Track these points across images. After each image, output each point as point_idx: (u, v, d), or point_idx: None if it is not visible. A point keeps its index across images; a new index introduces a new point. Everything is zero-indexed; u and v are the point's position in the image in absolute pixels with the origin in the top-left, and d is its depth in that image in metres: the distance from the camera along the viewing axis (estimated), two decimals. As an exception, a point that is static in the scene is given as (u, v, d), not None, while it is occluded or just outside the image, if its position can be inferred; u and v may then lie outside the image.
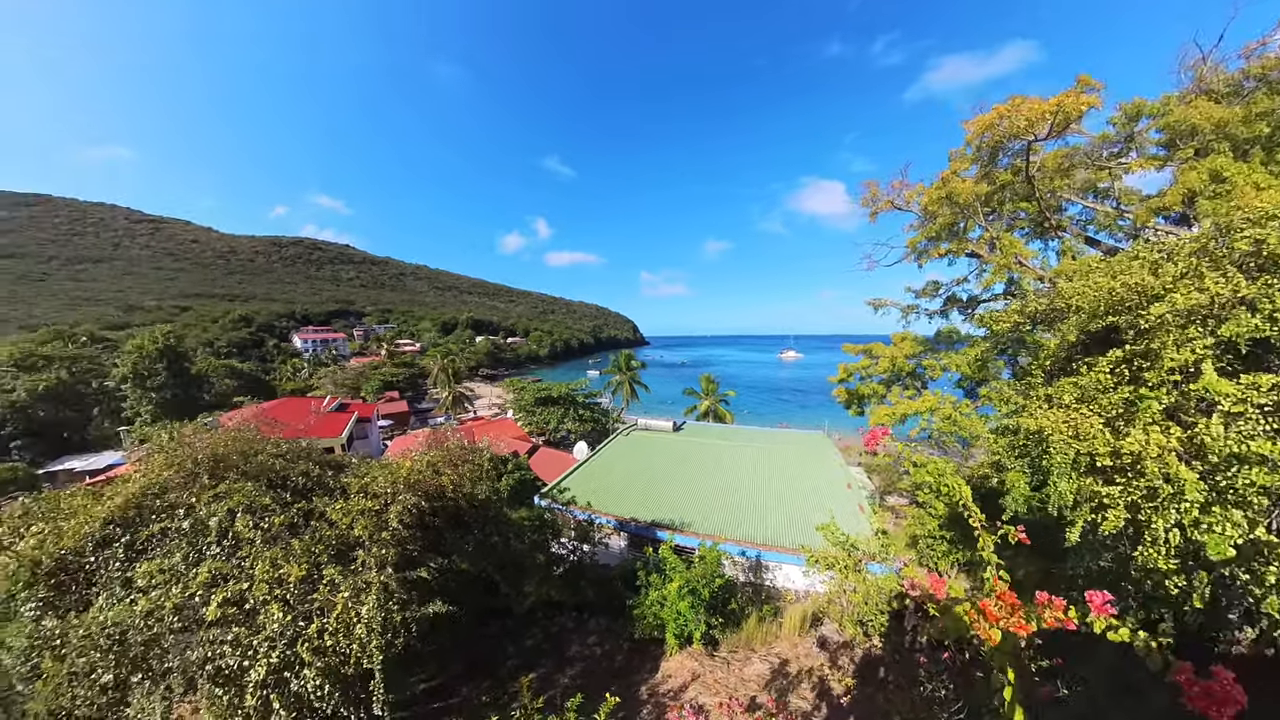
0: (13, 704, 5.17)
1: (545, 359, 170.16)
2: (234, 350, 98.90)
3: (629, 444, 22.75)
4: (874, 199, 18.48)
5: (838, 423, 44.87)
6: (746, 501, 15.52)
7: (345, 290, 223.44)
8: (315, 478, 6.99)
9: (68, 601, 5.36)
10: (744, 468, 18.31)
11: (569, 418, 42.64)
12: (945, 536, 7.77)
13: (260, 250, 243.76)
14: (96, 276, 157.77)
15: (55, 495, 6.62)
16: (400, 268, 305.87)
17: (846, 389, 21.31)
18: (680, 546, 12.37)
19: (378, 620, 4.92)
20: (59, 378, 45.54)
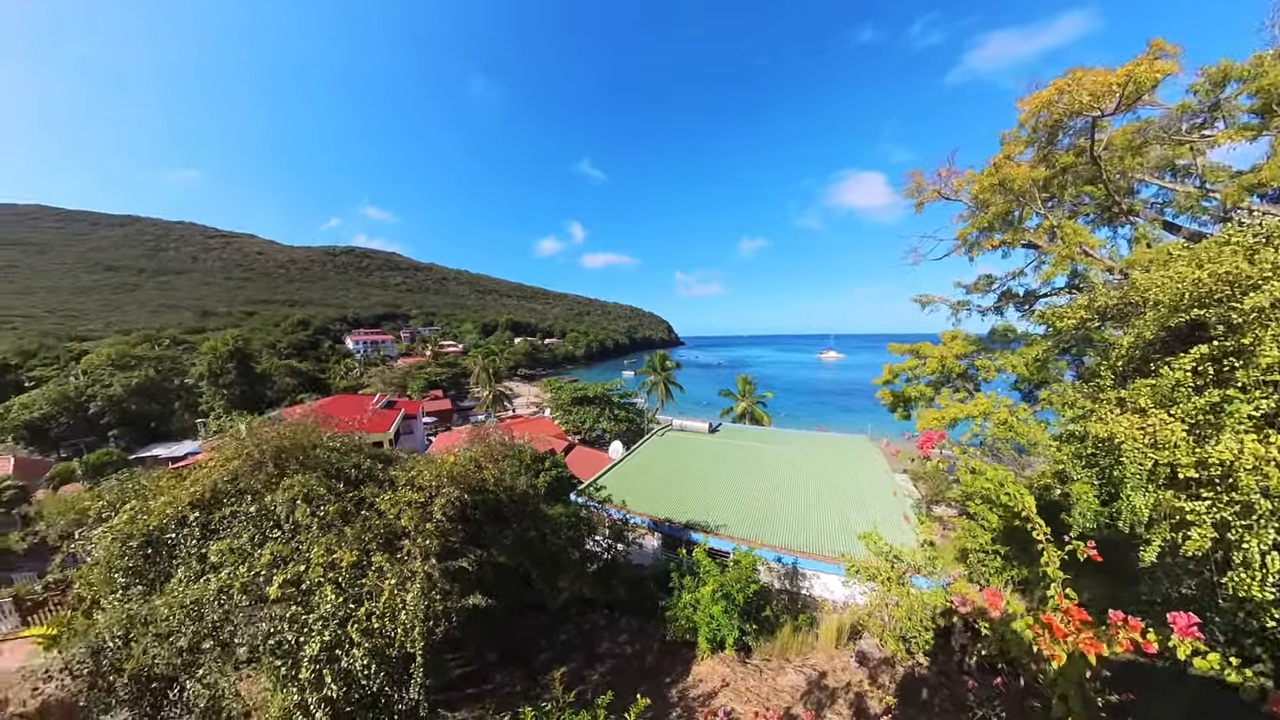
0: (104, 658, 5.77)
1: (581, 359, 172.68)
2: (294, 351, 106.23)
3: (664, 444, 22.67)
4: (919, 189, 17.40)
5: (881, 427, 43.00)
6: (784, 506, 15.11)
7: (393, 295, 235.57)
8: (366, 470, 7.35)
9: (153, 572, 5.93)
10: (782, 471, 17.84)
11: (604, 417, 43.06)
12: (999, 551, 7.21)
13: (316, 259, 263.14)
14: (177, 286, 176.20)
15: (146, 476, 7.32)
16: (443, 273, 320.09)
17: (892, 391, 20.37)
18: (714, 550, 12.18)
19: (421, 608, 5.13)
20: (148, 375, 50.55)
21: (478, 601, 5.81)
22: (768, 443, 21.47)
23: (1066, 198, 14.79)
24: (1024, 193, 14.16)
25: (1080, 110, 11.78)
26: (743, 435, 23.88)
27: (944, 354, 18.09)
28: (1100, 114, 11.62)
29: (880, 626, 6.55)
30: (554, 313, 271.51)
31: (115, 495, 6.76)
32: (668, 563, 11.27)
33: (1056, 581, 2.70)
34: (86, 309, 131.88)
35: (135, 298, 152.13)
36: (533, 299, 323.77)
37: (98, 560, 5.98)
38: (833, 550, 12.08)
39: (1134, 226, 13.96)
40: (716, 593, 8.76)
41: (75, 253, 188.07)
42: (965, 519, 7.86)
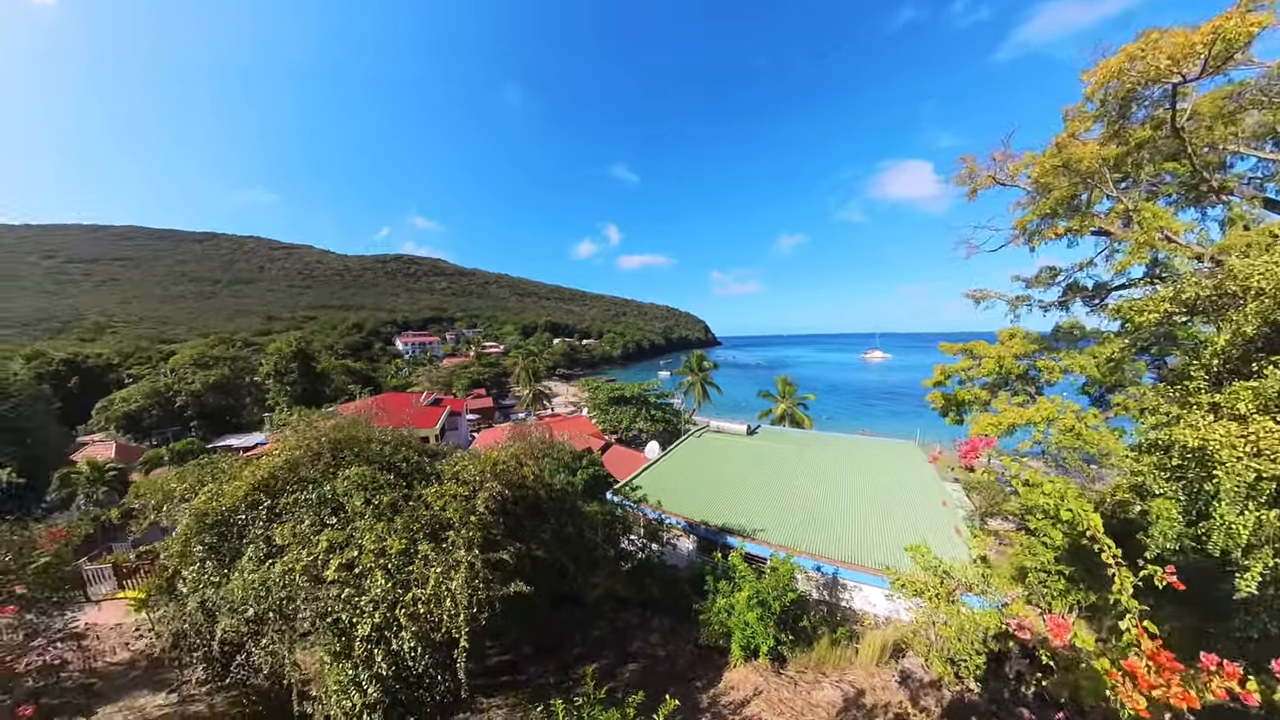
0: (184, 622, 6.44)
1: (618, 360, 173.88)
2: (349, 352, 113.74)
3: (701, 445, 22.42)
4: (971, 175, 16.04)
5: (931, 432, 40.75)
6: (824, 513, 14.56)
7: (439, 299, 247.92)
8: (414, 463, 7.73)
9: (225, 548, 6.47)
10: (823, 476, 17.21)
11: (641, 417, 43.11)
12: (1063, 572, 6.52)
13: (368, 267, 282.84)
14: (248, 294, 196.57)
15: (222, 462, 8.01)
16: (485, 277, 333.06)
17: (943, 393, 19.24)
18: (751, 555, 11.89)
19: (464, 595, 5.34)
20: (223, 374, 55.42)
21: (519, 588, 5.96)
22: (808, 446, 20.78)
23: (1143, 177, 13.23)
24: (1092, 173, 12.79)
25: (1157, 77, 10.46)
26: (782, 438, 23.24)
27: (1001, 354, 16.87)
28: (1182, 79, 10.32)
29: (926, 646, 6.15)
30: (591, 314, 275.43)
31: (195, 479, 7.46)
32: (703, 565, 11.11)
33: (1132, 612, 2.41)
34: (173, 315, 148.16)
35: (212, 305, 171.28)
36: (570, 301, 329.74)
37: (177, 536, 6.61)
38: (876, 561, 11.52)
39: (1227, 206, 12.42)
40: (752, 599, 8.55)
41: (164, 266, 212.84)
42: (1024, 535, 7.21)
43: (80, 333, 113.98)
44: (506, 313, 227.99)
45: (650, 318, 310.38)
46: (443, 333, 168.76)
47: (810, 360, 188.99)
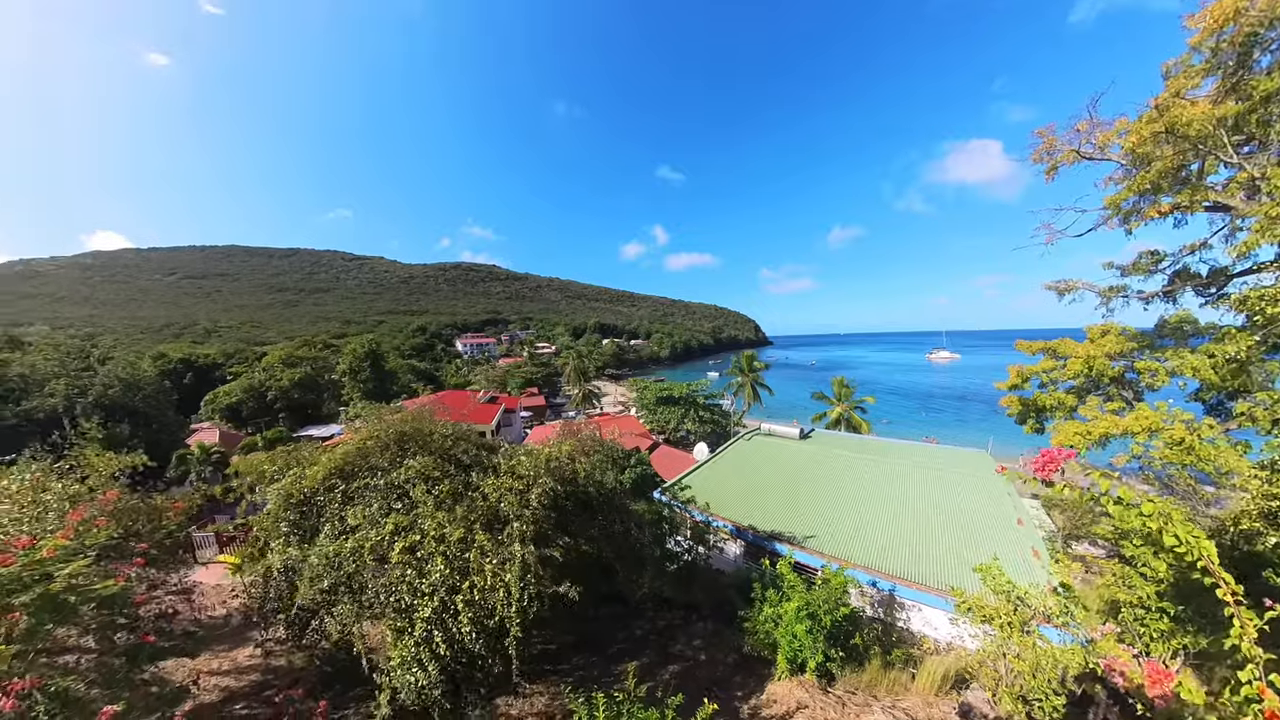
0: (271, 587, 7.22)
1: (666, 360, 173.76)
2: (414, 353, 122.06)
3: (751, 448, 21.90)
4: (1050, 150, 14.03)
5: (1006, 440, 37.38)
6: (882, 524, 13.73)
7: (494, 302, 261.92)
8: (473, 456, 8.11)
9: (306, 525, 7.14)
10: (881, 486, 16.23)
11: (689, 418, 42.78)
12: (1166, 610, 5.59)
13: (430, 275, 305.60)
14: (326, 302, 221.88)
15: (305, 449, 8.89)
16: (537, 281, 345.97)
17: (1020, 398, 17.59)
18: (801, 564, 11.45)
19: (518, 589, 5.56)
20: (306, 372, 61.62)
21: (571, 593, 6.13)
22: (865, 453, 19.71)
23: (1273, 137, 10.91)
24: (1204, 137, 10.91)
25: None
26: (837, 443, 22.20)
27: (1091, 353, 15.14)
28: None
29: (994, 679, 5.58)
30: (639, 315, 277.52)
31: (282, 462, 8.30)
32: (750, 572, 10.85)
33: (1255, 661, 2.07)
34: (265, 321, 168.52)
35: (297, 312, 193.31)
36: (618, 302, 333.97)
37: (267, 512, 7.38)
38: (939, 581, 10.70)
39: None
40: (801, 610, 8.21)
41: (257, 279, 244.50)
42: (1120, 563, 6.33)
43: (193, 336, 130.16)
44: (557, 315, 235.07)
45: (698, 317, 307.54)
46: (498, 334, 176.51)
47: (870, 361, 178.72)
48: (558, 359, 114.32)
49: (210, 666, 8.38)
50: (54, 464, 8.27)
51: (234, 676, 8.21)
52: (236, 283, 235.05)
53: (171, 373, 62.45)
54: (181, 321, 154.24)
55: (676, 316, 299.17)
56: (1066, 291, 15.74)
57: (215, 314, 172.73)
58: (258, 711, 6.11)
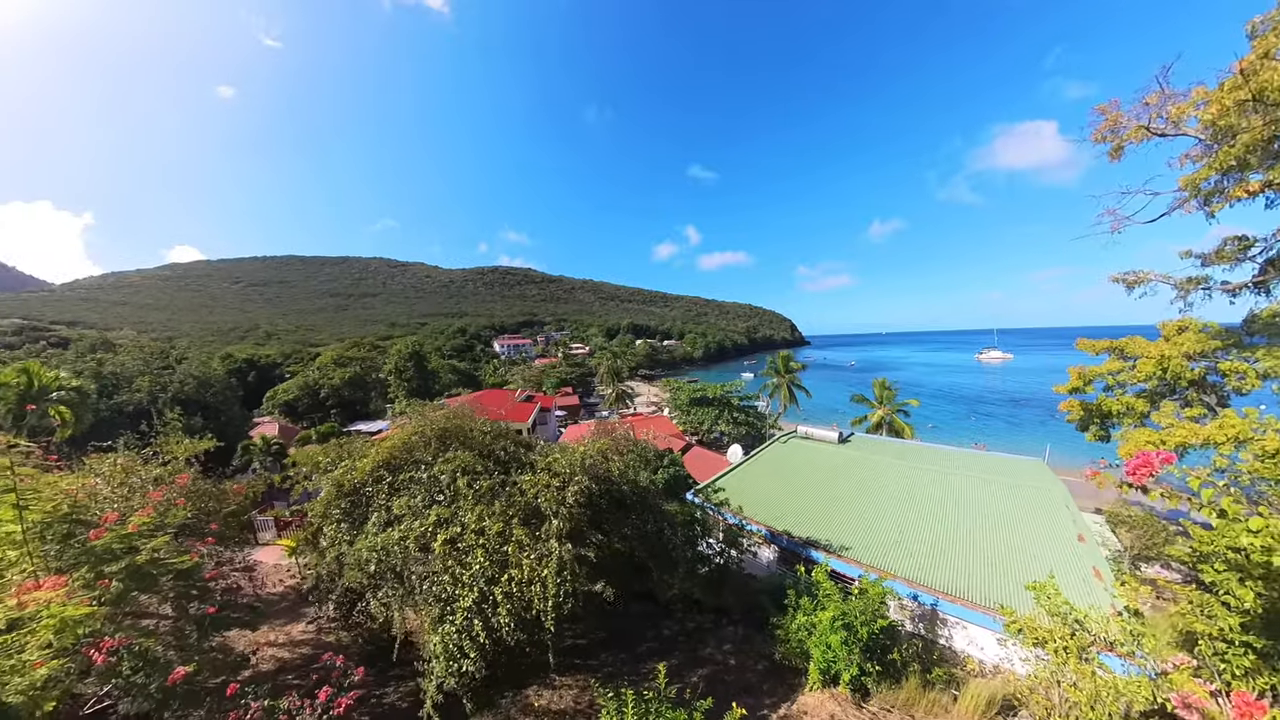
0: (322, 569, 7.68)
1: (699, 360, 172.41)
2: (454, 353, 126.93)
3: (787, 452, 21.41)
4: (1114, 128, 12.69)
5: (1065, 448, 34.85)
6: (926, 535, 13.07)
7: (530, 305, 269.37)
8: (511, 453, 8.39)
9: (355, 514, 7.59)
10: (925, 494, 15.48)
11: (723, 419, 42.27)
12: (1252, 644, 4.93)
13: (469, 279, 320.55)
14: (373, 306, 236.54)
15: (355, 442, 9.45)
16: (571, 283, 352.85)
17: (1082, 403, 16.38)
18: (837, 573, 11.08)
19: (554, 585, 5.70)
20: (355, 371, 65.34)
21: (606, 593, 6.23)
22: (908, 458, 18.88)
23: None
24: None
25: None
26: (878, 448, 21.35)
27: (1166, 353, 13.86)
28: None
29: (1046, 709, 5.18)
30: (672, 315, 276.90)
31: (335, 455, 8.88)
32: (784, 578, 10.62)
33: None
34: (318, 324, 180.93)
35: (347, 315, 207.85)
36: (651, 302, 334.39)
37: (321, 500, 7.89)
38: (986, 597, 10.08)
39: None
40: (836, 620, 7.96)
41: (311, 286, 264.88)
42: (1197, 590, 5.73)
43: (255, 338, 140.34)
44: (591, 316, 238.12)
45: (732, 317, 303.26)
46: (534, 336, 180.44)
47: (913, 361, 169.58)
48: (591, 359, 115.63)
49: (267, 639, 9.05)
50: (141, 450, 9.19)
51: (287, 649, 8.83)
52: (293, 289, 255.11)
53: (237, 371, 67.57)
54: (245, 325, 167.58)
55: (710, 316, 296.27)
56: (1136, 284, 14.16)
57: (274, 318, 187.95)
58: (305, 683, 6.55)
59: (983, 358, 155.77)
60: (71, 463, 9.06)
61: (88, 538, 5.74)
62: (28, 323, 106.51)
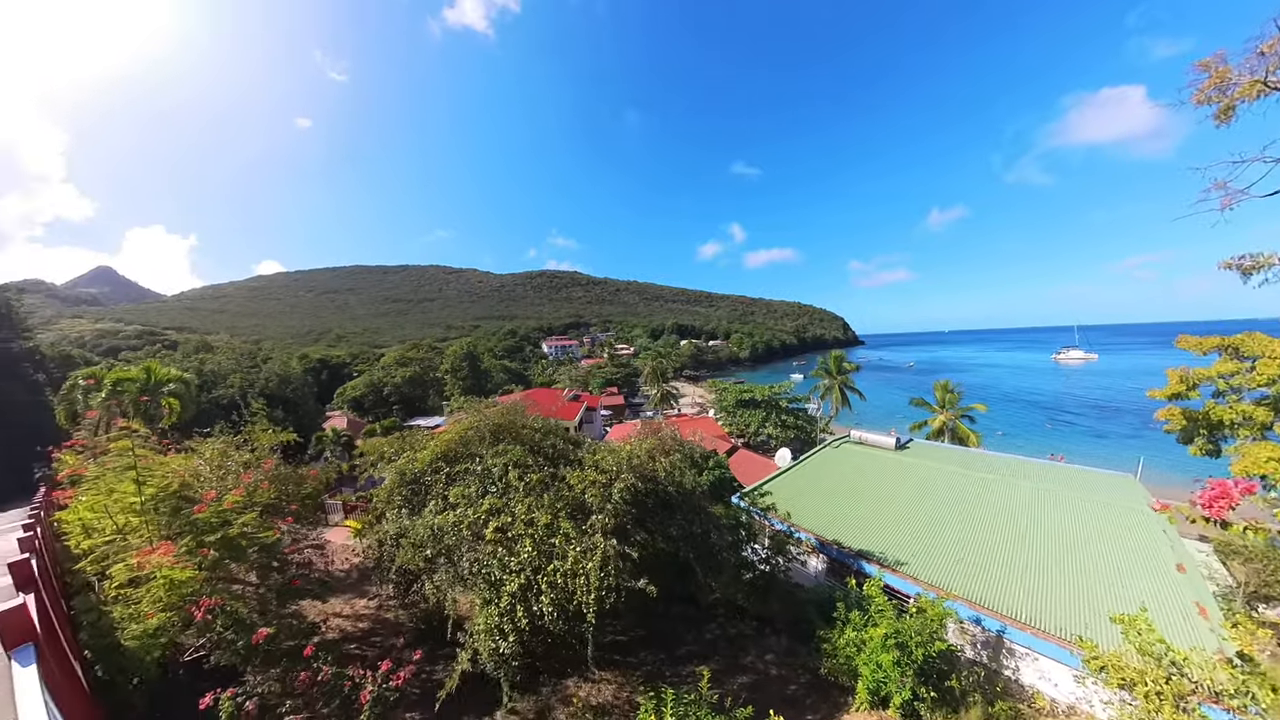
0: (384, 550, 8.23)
1: (746, 361, 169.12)
2: (505, 354, 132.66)
3: (839, 457, 20.55)
4: (1221, 84, 10.34)
5: (1163, 464, 31.02)
6: (992, 553, 12.02)
7: (576, 307, 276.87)
8: (560, 449, 8.67)
9: (415, 501, 8.12)
10: (992, 508, 14.28)
11: (770, 422, 41.17)
12: None
13: (519, 283, 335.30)
14: (430, 310, 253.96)
15: (415, 435, 10.10)
16: (616, 285, 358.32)
17: (1184, 410, 14.55)
18: (891, 588, 10.46)
19: (597, 578, 5.82)
20: (414, 371, 69.86)
21: (646, 587, 6.29)
22: (973, 468, 17.55)
23: None
24: None
25: None
26: (939, 456, 20.02)
27: (1294, 357, 12.09)
28: None
29: None
30: (717, 315, 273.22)
31: (398, 446, 9.52)
32: (832, 590, 10.19)
33: None
34: (382, 328, 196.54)
35: (407, 319, 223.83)
36: (696, 302, 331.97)
37: (385, 487, 8.50)
38: (1061, 628, 9.08)
39: None
40: (889, 639, 7.50)
41: (375, 293, 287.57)
42: None
43: (327, 341, 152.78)
44: (636, 317, 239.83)
45: (780, 316, 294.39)
46: (580, 337, 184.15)
47: (980, 362, 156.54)
48: (636, 360, 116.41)
49: (334, 610, 9.90)
50: (233, 437, 10.33)
51: (350, 621, 9.62)
52: (360, 296, 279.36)
53: (312, 370, 74.01)
54: (319, 329, 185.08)
55: (757, 315, 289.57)
56: (1254, 270, 11.89)
57: (344, 322, 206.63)
58: (366, 652, 7.09)
59: (1061, 358, 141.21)
60: (178, 446, 10.32)
61: (192, 511, 6.57)
62: (146, 328, 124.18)
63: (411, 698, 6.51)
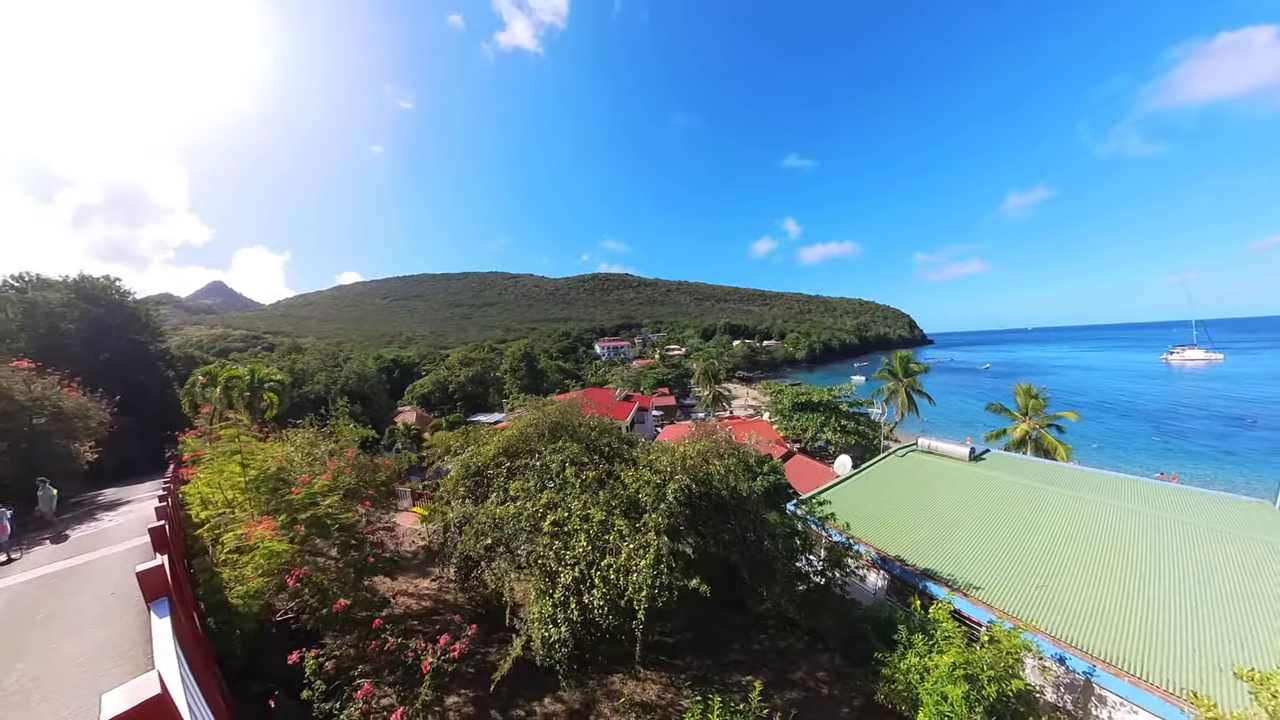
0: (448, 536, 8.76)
1: (803, 362, 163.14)
2: (560, 354, 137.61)
3: (905, 467, 19.25)
4: None
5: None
6: (1082, 583, 10.61)
7: (628, 308, 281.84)
8: (615, 448, 8.82)
9: (478, 492, 8.60)
10: (1084, 532, 12.54)
11: (829, 427, 39.40)
12: None
13: (572, 286, 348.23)
14: (490, 314, 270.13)
15: (479, 430, 10.73)
16: (667, 285, 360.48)
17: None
18: (961, 614, 9.61)
19: (650, 575, 5.85)
20: (476, 370, 74.11)
21: (699, 587, 6.27)
22: (1062, 485, 15.72)
23: None
24: None
25: None
26: (1021, 469, 18.13)
27: None
28: None
29: None
30: (772, 314, 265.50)
31: (463, 440, 10.12)
32: (893, 610, 9.56)
33: None
34: (447, 331, 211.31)
35: (470, 322, 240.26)
36: (749, 301, 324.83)
37: (450, 477, 9.09)
38: (1168, 678, 7.81)
39: None
40: (957, 669, 6.83)
41: (440, 298, 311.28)
42: None
43: (399, 343, 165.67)
44: (687, 317, 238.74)
45: (839, 314, 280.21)
46: (632, 338, 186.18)
47: (1070, 364, 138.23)
48: (687, 360, 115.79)
49: (401, 588, 10.71)
50: (320, 429, 11.53)
51: (415, 599, 10.36)
52: (427, 302, 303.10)
53: (385, 369, 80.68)
54: (391, 332, 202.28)
55: (814, 313, 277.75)
56: None
57: (413, 326, 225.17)
58: (427, 629, 7.61)
59: (1175, 358, 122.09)
60: (275, 435, 11.68)
61: (288, 492, 7.41)
62: (250, 333, 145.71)
63: (467, 676, 6.88)
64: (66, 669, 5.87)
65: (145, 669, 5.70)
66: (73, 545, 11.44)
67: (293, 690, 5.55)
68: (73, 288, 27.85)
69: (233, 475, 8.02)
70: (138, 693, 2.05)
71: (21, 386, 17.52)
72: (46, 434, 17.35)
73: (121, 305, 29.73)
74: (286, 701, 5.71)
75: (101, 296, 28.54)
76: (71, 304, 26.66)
